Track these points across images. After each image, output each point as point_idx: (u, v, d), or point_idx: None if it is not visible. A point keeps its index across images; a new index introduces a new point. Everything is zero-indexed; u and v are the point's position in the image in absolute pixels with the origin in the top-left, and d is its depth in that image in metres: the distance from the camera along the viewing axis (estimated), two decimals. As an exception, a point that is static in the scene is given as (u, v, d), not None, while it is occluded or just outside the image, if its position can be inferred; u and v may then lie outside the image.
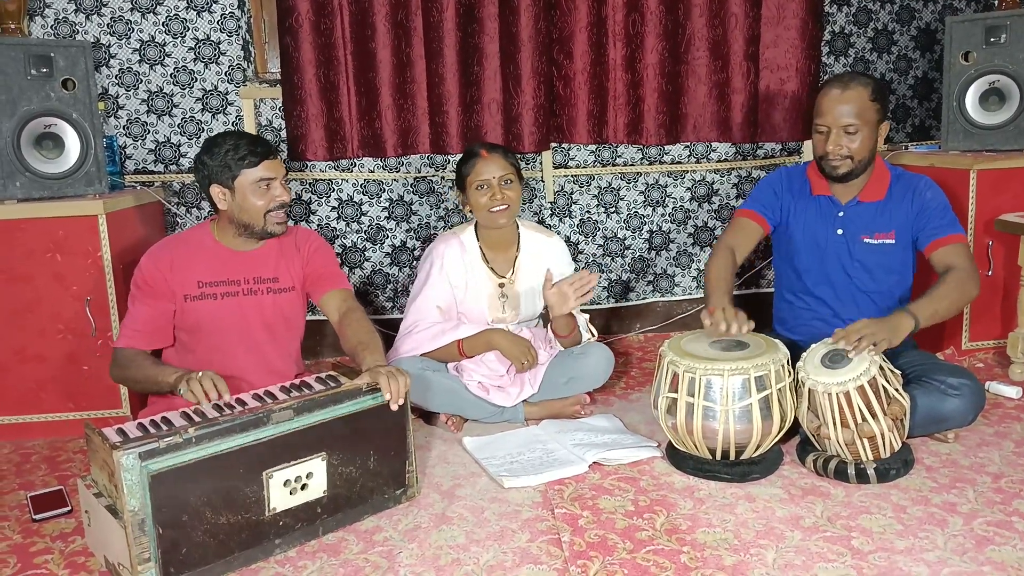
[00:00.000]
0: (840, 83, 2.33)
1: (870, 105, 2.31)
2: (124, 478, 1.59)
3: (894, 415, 2.04)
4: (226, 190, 2.17)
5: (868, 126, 2.32)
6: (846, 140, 2.32)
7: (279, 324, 2.30)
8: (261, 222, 2.19)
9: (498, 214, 2.51)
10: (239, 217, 2.19)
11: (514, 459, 2.24)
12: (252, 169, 2.15)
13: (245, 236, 2.23)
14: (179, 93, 3.11)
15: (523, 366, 2.47)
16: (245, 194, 2.16)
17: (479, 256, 2.60)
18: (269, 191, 2.17)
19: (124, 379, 2.15)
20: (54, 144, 2.58)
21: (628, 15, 3.20)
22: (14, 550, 1.90)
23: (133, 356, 2.13)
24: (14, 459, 2.45)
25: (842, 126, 2.31)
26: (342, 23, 3.04)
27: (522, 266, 2.63)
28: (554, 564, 1.75)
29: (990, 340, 2.96)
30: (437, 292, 2.55)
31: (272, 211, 2.19)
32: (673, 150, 3.42)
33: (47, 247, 2.51)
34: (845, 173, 2.37)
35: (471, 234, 2.63)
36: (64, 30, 2.99)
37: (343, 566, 1.78)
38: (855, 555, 1.74)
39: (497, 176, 2.50)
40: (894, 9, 3.47)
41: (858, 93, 2.30)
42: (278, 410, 1.78)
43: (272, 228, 2.21)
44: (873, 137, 2.34)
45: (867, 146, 2.34)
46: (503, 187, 2.51)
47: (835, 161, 2.35)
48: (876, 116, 2.33)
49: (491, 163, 2.51)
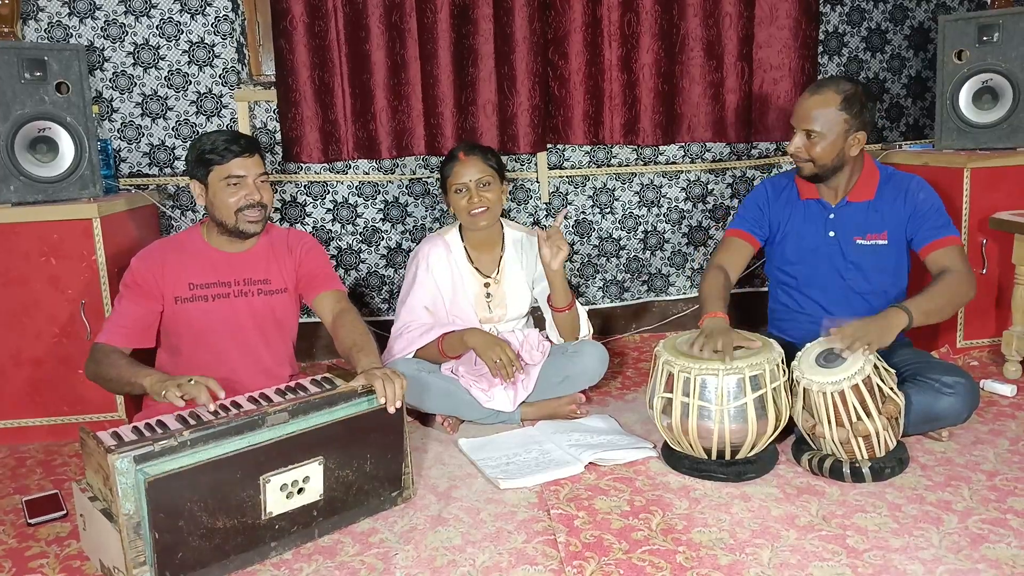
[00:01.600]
0: (814, 87, 2.33)
1: (836, 115, 2.28)
2: (119, 482, 1.59)
3: (889, 414, 2.04)
4: (202, 185, 2.19)
5: (832, 135, 2.29)
6: (806, 144, 2.32)
7: (271, 326, 2.30)
8: (232, 219, 2.19)
9: (477, 216, 2.53)
10: (213, 214, 2.21)
11: (510, 460, 2.25)
12: (222, 165, 2.16)
13: (227, 236, 2.23)
14: (173, 96, 3.10)
15: (495, 365, 2.41)
16: (216, 190, 2.17)
17: (464, 256, 2.62)
18: (239, 189, 2.17)
19: (96, 375, 2.11)
20: (48, 148, 2.57)
21: (623, 15, 3.20)
22: (9, 554, 1.90)
23: (109, 352, 2.11)
24: (9, 463, 2.44)
25: (804, 130, 2.32)
26: (336, 25, 3.04)
27: (507, 266, 2.65)
28: (550, 565, 1.75)
29: (985, 338, 2.97)
30: (424, 293, 2.57)
31: (243, 209, 2.18)
32: (668, 150, 3.43)
33: (42, 251, 2.51)
34: (809, 175, 2.38)
35: (456, 235, 2.65)
36: (58, 34, 2.98)
37: (339, 568, 1.78)
38: (850, 554, 1.74)
39: (474, 179, 2.51)
40: (887, 8, 3.48)
41: (825, 100, 2.28)
42: (273, 413, 1.78)
43: (244, 227, 2.20)
44: (839, 145, 2.31)
45: (829, 153, 2.32)
46: (480, 190, 2.52)
47: (793, 157, 2.38)
48: (844, 126, 2.29)
49: (469, 166, 2.52)
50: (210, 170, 2.17)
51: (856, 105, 2.28)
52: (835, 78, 2.36)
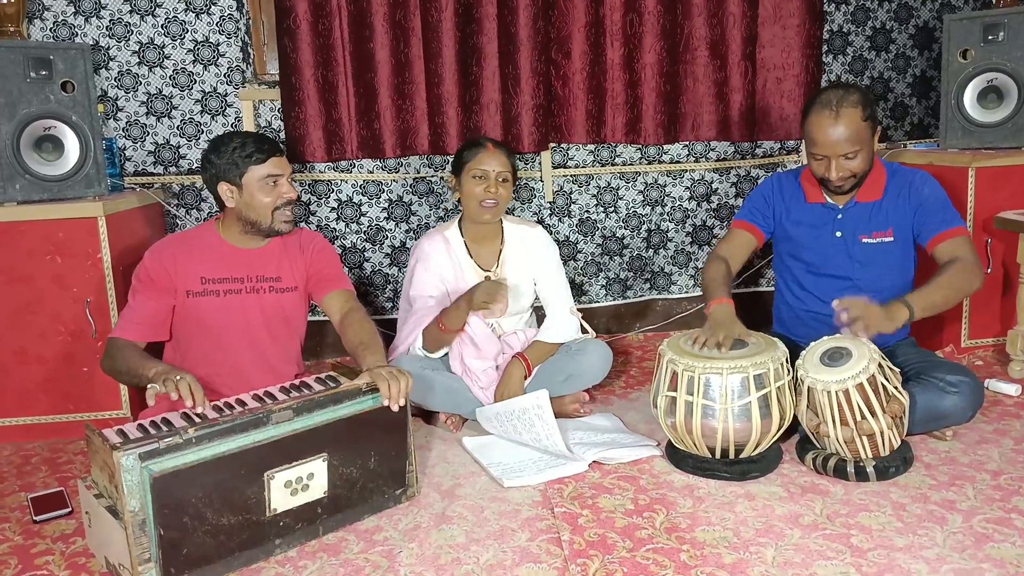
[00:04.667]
0: (830, 110, 2.24)
1: (864, 126, 2.26)
2: (124, 479, 1.59)
3: (893, 413, 2.04)
4: (234, 188, 2.18)
5: (866, 144, 2.28)
6: (847, 164, 2.29)
7: (279, 323, 2.31)
8: (268, 219, 2.20)
9: (487, 208, 2.54)
10: (246, 215, 2.20)
11: (514, 458, 2.25)
12: (259, 166, 2.16)
13: (252, 234, 2.24)
14: (178, 95, 3.11)
15: (485, 305, 2.33)
16: (253, 191, 2.17)
17: (464, 250, 2.63)
18: (276, 188, 2.19)
19: (112, 369, 2.12)
20: (54, 146, 2.58)
21: (626, 15, 3.20)
22: (15, 551, 1.91)
23: (123, 346, 2.12)
24: (15, 461, 2.45)
25: (841, 154, 2.27)
26: (340, 24, 3.05)
27: (507, 259, 2.65)
28: (554, 563, 1.75)
29: (989, 337, 2.97)
30: (423, 287, 2.58)
31: (279, 208, 2.20)
32: (672, 149, 3.43)
33: (47, 249, 2.51)
34: (851, 188, 2.37)
35: (455, 230, 2.66)
36: (63, 33, 2.99)
37: (343, 566, 1.78)
38: (854, 553, 1.74)
39: (496, 171, 2.53)
40: (892, 7, 3.47)
41: (850, 118, 2.23)
42: (278, 410, 1.79)
43: (279, 226, 2.22)
44: (871, 149, 2.32)
45: (867, 159, 2.32)
46: (498, 183, 2.54)
47: (839, 183, 2.33)
48: (870, 131, 2.29)
49: (494, 157, 2.54)
50: (245, 171, 2.16)
51: (869, 106, 2.28)
52: (837, 91, 2.28)
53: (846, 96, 2.25)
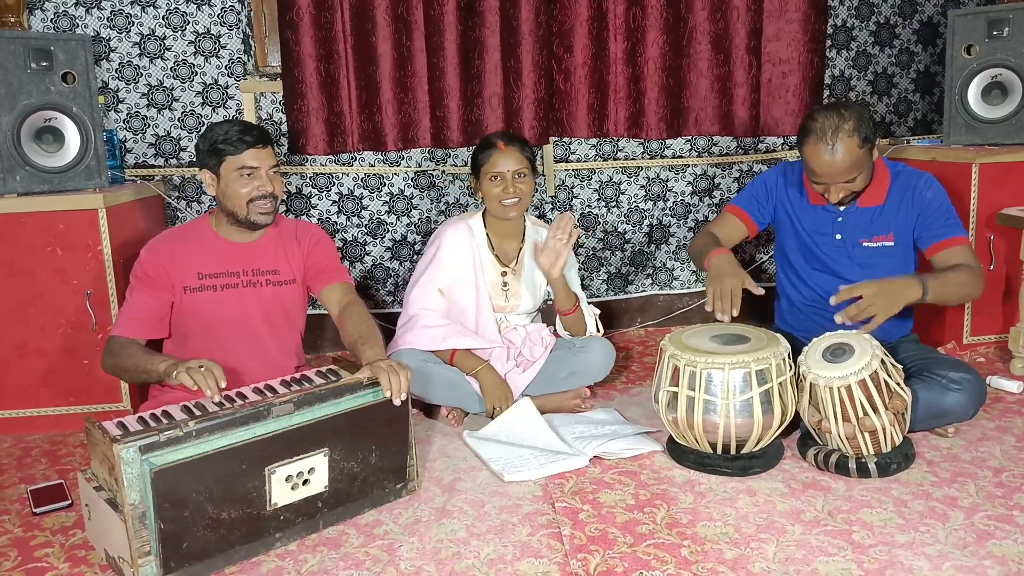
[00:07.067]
0: (825, 143, 2.20)
1: (861, 152, 2.23)
2: (124, 471, 1.59)
3: (895, 409, 2.03)
4: (213, 175, 2.19)
5: (864, 166, 2.27)
6: (847, 186, 2.28)
7: (278, 317, 2.30)
8: (244, 210, 2.19)
9: (509, 207, 2.53)
10: (224, 204, 2.20)
11: (514, 453, 2.24)
12: (236, 156, 2.16)
13: (236, 226, 2.23)
14: (179, 87, 3.10)
15: (493, 411, 2.45)
16: (228, 180, 2.17)
17: (486, 243, 2.62)
18: (251, 180, 2.17)
19: (114, 367, 2.12)
20: (54, 138, 2.57)
21: (629, 8, 3.19)
22: (15, 544, 1.91)
23: (126, 344, 2.12)
24: (15, 453, 2.45)
25: (842, 182, 2.26)
26: (342, 16, 3.04)
27: (526, 257, 2.65)
28: (555, 558, 1.75)
29: (991, 335, 2.96)
30: (441, 274, 2.56)
31: (255, 200, 2.18)
32: (674, 144, 3.42)
33: (47, 241, 2.51)
34: (851, 200, 2.37)
35: (479, 221, 2.65)
36: (64, 24, 2.98)
37: (343, 559, 1.78)
38: (856, 549, 1.73)
39: (511, 170, 2.52)
40: (896, 2, 3.45)
41: (847, 147, 2.19)
42: (278, 404, 1.78)
43: (255, 217, 2.20)
44: (870, 166, 2.30)
45: (867, 177, 2.31)
46: (516, 180, 2.53)
47: (839, 204, 2.35)
48: (868, 154, 2.27)
49: (507, 156, 2.52)
50: (223, 160, 2.16)
51: (865, 129, 2.22)
52: (831, 118, 2.21)
53: (841, 125, 2.20)
